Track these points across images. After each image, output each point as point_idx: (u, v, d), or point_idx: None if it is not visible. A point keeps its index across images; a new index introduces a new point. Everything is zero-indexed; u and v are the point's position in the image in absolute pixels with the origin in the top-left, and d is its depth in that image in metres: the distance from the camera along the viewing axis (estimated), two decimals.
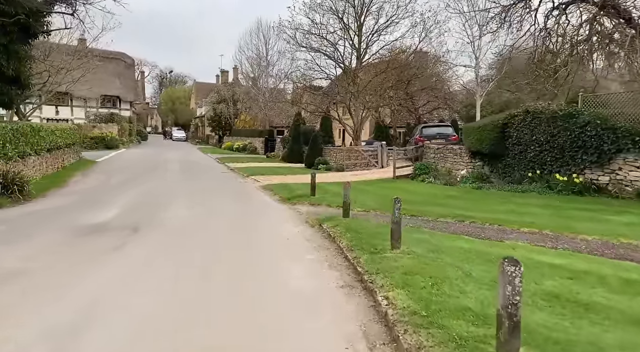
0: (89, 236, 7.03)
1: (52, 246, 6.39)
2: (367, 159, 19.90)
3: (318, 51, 23.45)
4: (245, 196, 12.32)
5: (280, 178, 16.85)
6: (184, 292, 4.60)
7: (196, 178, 16.83)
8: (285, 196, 11.68)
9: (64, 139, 18.58)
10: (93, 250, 6.19)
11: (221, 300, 4.41)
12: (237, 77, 59.35)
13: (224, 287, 4.82)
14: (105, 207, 9.76)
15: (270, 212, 9.69)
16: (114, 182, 14.92)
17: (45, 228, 7.60)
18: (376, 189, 13.24)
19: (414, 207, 9.60)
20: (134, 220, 8.36)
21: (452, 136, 20.66)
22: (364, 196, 11.30)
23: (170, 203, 10.52)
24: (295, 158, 27.14)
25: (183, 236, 7.28)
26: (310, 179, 11.24)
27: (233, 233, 7.63)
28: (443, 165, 15.39)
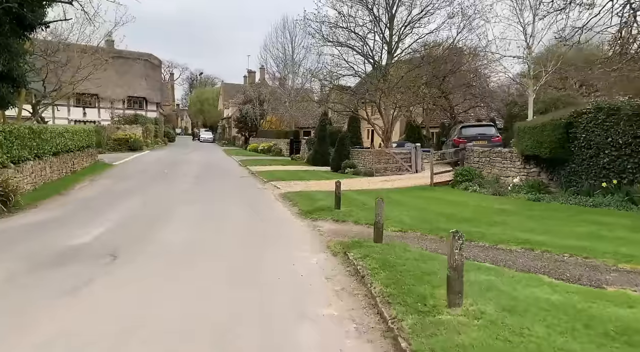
0: (50, 268, 5.53)
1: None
2: (400, 162, 17.99)
3: (345, 46, 21.67)
4: (260, 207, 10.71)
5: (302, 184, 15.20)
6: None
7: (211, 185, 15.39)
8: (306, 208, 9.99)
9: (76, 141, 17.58)
10: (40, 294, 4.67)
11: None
12: (264, 77, 58.40)
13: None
14: (95, 222, 8.34)
15: (286, 231, 8.01)
16: (120, 188, 13.64)
17: (1, 255, 6.18)
18: (412, 199, 11.37)
19: (463, 227, 7.69)
20: (118, 242, 6.87)
21: (495, 137, 18.48)
22: (399, 209, 9.47)
23: (170, 218, 9.01)
24: (320, 161, 25.49)
25: (169, 268, 5.69)
26: (335, 189, 9.50)
27: (236, 265, 5.98)
28: (489, 171, 13.33)
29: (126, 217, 9.03)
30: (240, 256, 6.24)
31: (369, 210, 9.47)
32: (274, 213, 9.88)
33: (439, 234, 7.30)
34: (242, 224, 8.57)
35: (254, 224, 8.55)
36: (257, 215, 9.56)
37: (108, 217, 8.84)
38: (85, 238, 7.11)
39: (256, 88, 52.70)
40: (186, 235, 7.45)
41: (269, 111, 47.37)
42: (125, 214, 9.32)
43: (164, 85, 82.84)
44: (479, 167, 13.84)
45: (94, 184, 14.69)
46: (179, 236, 7.38)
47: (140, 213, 9.54)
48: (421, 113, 34.93)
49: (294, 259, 6.05)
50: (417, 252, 5.95)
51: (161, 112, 60.93)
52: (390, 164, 18.77)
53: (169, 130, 62.55)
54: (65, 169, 15.73)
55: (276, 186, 14.87)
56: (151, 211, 9.78)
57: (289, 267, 5.72)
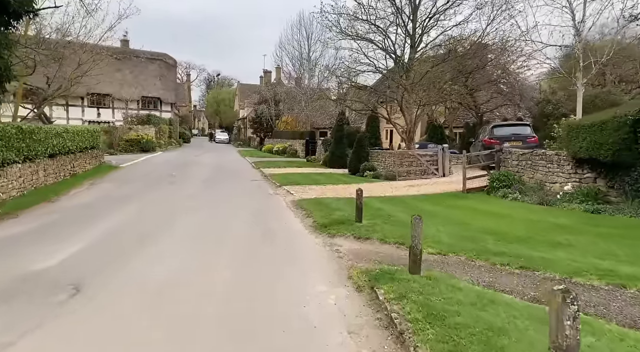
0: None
1: None
2: (425, 165, 16.41)
3: (365, 39, 20.17)
4: (270, 219, 9.31)
5: (318, 190, 13.78)
6: None
7: (218, 190, 14.10)
8: (322, 219, 8.56)
9: (78, 142, 16.51)
10: None
11: None
12: (280, 77, 57.32)
13: None
14: (73, 238, 7.06)
15: (298, 253, 6.57)
16: (119, 193, 12.45)
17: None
18: (445, 209, 9.82)
19: (518, 249, 6.15)
20: (88, 267, 5.55)
21: (531, 138, 16.70)
22: (433, 223, 7.96)
23: (163, 233, 7.68)
24: (337, 162, 24.03)
25: (140, 314, 4.32)
26: (356, 198, 8.03)
27: (229, 312, 4.58)
28: (531, 176, 11.67)
29: (112, 231, 7.74)
30: (236, 295, 4.83)
31: (396, 224, 8.00)
32: (285, 226, 8.46)
33: (489, 259, 5.78)
34: (246, 244, 7.16)
35: (260, 243, 7.13)
36: (264, 230, 8.15)
37: (91, 231, 7.57)
38: (51, 261, 5.82)
39: (272, 88, 51.56)
40: (173, 262, 6.05)
41: (284, 111, 46.15)
42: (113, 227, 8.03)
43: (179, 85, 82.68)
44: (518, 172, 12.19)
45: (93, 188, 13.54)
46: (163, 264, 5.98)
47: (130, 226, 8.24)
48: (443, 112, 33.17)
49: (305, 297, 4.61)
50: (470, 291, 4.44)
51: (176, 113, 60.35)
52: (414, 166, 17.21)
53: (184, 131, 61.92)
54: (63, 172, 14.64)
55: (289, 191, 13.48)
56: (143, 224, 8.47)
57: (299, 310, 4.28)
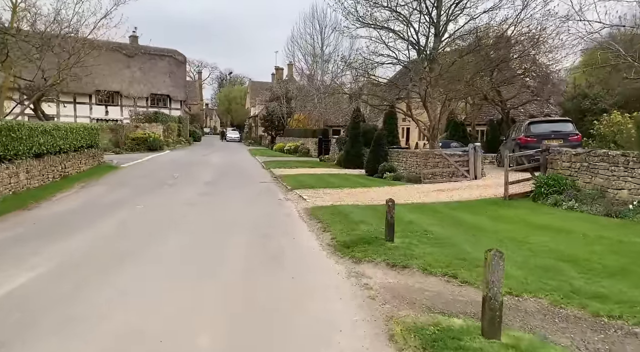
0: None
1: None
2: (454, 166, 14.62)
3: (385, 28, 18.42)
4: (277, 233, 7.67)
5: (334, 194, 12.13)
6: None
7: (222, 194, 12.54)
8: (343, 236, 6.90)
9: (72, 140, 15.12)
10: None
11: None
12: (292, 73, 55.80)
13: None
14: (24, 265, 5.52)
15: (312, 289, 4.88)
16: (109, 199, 10.96)
17: None
18: (492, 222, 8.07)
19: (621, 290, 4.41)
20: (17, 320, 3.99)
21: (573, 135, 14.81)
22: (484, 243, 6.25)
23: (137, 258, 6.10)
24: (353, 162, 22.35)
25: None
26: (387, 212, 6.33)
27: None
28: (588, 180, 9.83)
29: (80, 252, 6.16)
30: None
31: (437, 243, 6.30)
32: (297, 245, 6.80)
33: (586, 306, 4.05)
34: (244, 274, 5.51)
35: (263, 274, 5.43)
36: (270, 251, 6.49)
37: (50, 255, 6.01)
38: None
39: (283, 85, 50.01)
40: (135, 312, 4.45)
41: (296, 109, 44.57)
42: (83, 247, 6.47)
43: (191, 83, 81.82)
44: (570, 175, 10.35)
45: (82, 192, 12.09)
46: (121, 313, 4.37)
47: (105, 245, 6.65)
48: (464, 108, 31.23)
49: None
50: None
51: (186, 111, 59.27)
52: (440, 168, 15.43)
53: (194, 130, 60.78)
54: (52, 174, 13.22)
55: (302, 196, 11.86)
56: (122, 241, 6.89)
57: None
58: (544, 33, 17.76)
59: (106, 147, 31.48)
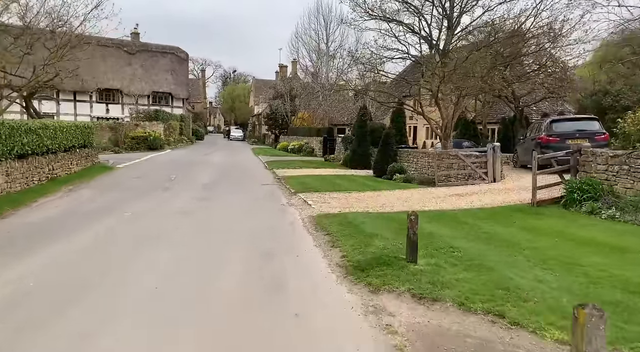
0: None
1: None
2: (470, 168, 13.53)
3: (394, 21, 17.33)
4: (279, 249, 6.64)
5: (342, 199, 11.10)
6: None
7: (219, 199, 11.54)
8: (355, 254, 5.86)
9: (61, 139, 14.16)
10: None
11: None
12: (296, 71, 54.81)
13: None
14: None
15: (320, 335, 3.86)
16: (95, 205, 9.99)
17: None
18: (525, 234, 7.01)
19: None
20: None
21: (600, 135, 13.71)
22: (523, 263, 5.21)
23: (107, 286, 5.10)
24: (360, 163, 21.33)
25: None
26: (409, 227, 5.28)
27: None
28: (629, 185, 8.73)
29: (29, 281, 5.16)
30: None
31: (470, 265, 5.26)
32: (301, 266, 5.75)
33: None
34: (234, 317, 4.49)
35: (259, 314, 4.37)
36: (269, 274, 5.47)
37: (10, 274, 5.03)
38: None
39: (287, 82, 48.96)
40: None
41: (300, 107, 43.53)
42: (37, 273, 5.47)
43: (194, 81, 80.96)
44: (607, 179, 9.26)
45: (67, 197, 11.12)
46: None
47: (65, 271, 5.60)
48: (474, 106, 30.09)
49: None
50: None
51: (189, 109, 58.37)
52: (455, 169, 14.34)
53: (197, 128, 59.91)
54: (38, 176, 12.27)
55: (306, 200, 10.84)
56: (88, 264, 5.87)
57: None
58: (567, 24, 16.56)
59: (105, 147, 30.61)
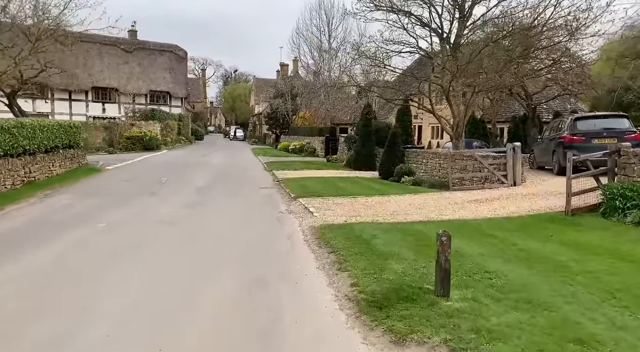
0: None
1: None
2: (488, 170, 12.34)
3: (402, 11, 16.13)
4: (274, 275, 5.46)
5: (347, 205, 9.92)
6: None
7: (211, 206, 10.38)
8: (368, 282, 4.68)
9: (41, 139, 13.04)
10: None
11: None
12: (297, 69, 53.70)
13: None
14: None
15: None
16: (69, 213, 8.85)
17: None
18: (573, 254, 5.82)
19: None
20: None
21: (630, 133, 12.51)
22: (584, 296, 4.05)
23: (37, 333, 3.95)
24: (364, 164, 20.14)
25: None
26: (438, 251, 4.10)
27: None
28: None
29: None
30: None
31: (517, 299, 4.07)
32: (301, 303, 4.53)
33: None
34: None
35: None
36: (260, 322, 4.31)
37: None
38: None
39: (288, 81, 47.79)
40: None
41: (302, 106, 42.36)
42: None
43: (194, 81, 79.91)
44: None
45: (40, 203, 9.97)
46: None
47: (20, 295, 4.50)
48: (482, 104, 28.89)
49: None
50: None
51: (188, 109, 57.27)
52: (470, 172, 13.14)
53: (197, 128, 58.85)
54: (11, 180, 11.12)
55: (307, 207, 9.67)
56: (32, 296, 4.72)
57: None
58: (591, 14, 15.29)
59: (99, 147, 29.53)
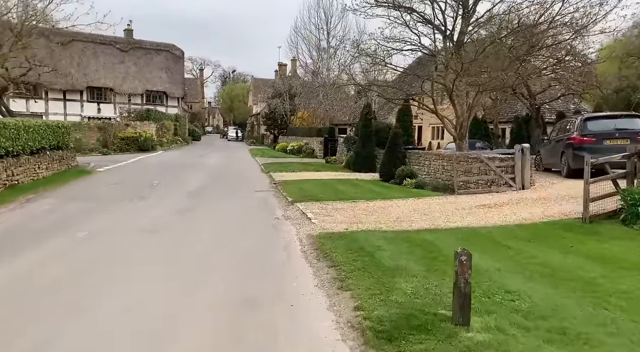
0: None
1: None
2: (495, 173, 11.75)
3: (403, 7, 15.54)
4: (267, 295, 4.84)
5: (348, 210, 9.31)
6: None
7: (204, 211, 9.77)
8: (374, 306, 4.07)
9: (26, 141, 12.42)
10: None
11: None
12: (296, 69, 53.13)
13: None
14: None
15: None
16: (47, 222, 8.23)
17: None
18: (601, 269, 5.22)
19: None
20: None
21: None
22: (627, 325, 3.46)
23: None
24: (364, 165, 19.55)
25: None
26: (457, 272, 3.52)
27: None
28: None
29: None
30: None
31: (548, 328, 3.47)
32: (297, 332, 3.93)
33: None
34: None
35: None
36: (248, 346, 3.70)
37: None
38: None
39: (286, 80, 47.19)
40: None
41: (300, 106, 41.75)
42: None
43: (192, 81, 79.22)
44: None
45: (20, 209, 9.35)
46: None
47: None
48: (483, 104, 28.34)
49: None
50: None
51: (185, 109, 56.63)
52: (475, 174, 12.56)
53: (194, 129, 58.14)
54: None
55: (305, 213, 9.07)
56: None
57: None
58: (601, 10, 14.72)
59: (93, 148, 28.86)
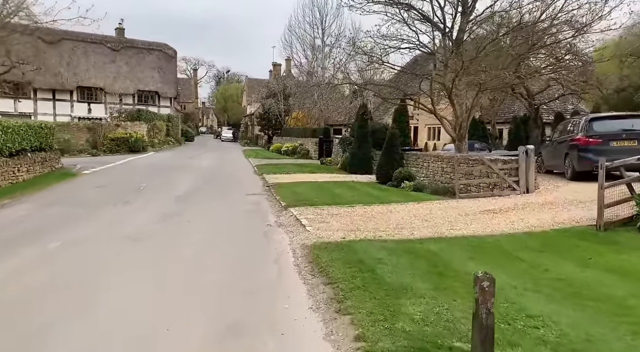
0: None
1: None
2: (497, 176, 11.25)
3: (401, 4, 15.02)
4: (255, 321, 4.29)
5: (345, 216, 8.75)
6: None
7: (191, 217, 9.16)
8: (379, 336, 3.49)
9: (4, 142, 11.76)
10: None
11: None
12: (290, 69, 52.53)
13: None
14: None
15: None
16: (18, 230, 7.61)
17: None
18: (627, 287, 4.71)
19: None
20: None
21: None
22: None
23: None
24: (360, 167, 19.05)
25: None
26: (478, 302, 2.98)
27: None
28: None
29: None
30: None
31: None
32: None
33: None
34: None
35: None
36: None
37: None
38: None
39: (281, 80, 46.59)
40: None
41: (294, 106, 41.18)
42: None
43: (185, 81, 78.38)
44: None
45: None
46: None
47: None
48: (481, 105, 27.92)
49: None
50: None
51: (178, 109, 55.87)
52: (477, 177, 12.05)
53: (187, 129, 57.34)
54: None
55: (300, 219, 8.50)
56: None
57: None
58: (606, 6, 14.27)
59: (82, 149, 28.12)
